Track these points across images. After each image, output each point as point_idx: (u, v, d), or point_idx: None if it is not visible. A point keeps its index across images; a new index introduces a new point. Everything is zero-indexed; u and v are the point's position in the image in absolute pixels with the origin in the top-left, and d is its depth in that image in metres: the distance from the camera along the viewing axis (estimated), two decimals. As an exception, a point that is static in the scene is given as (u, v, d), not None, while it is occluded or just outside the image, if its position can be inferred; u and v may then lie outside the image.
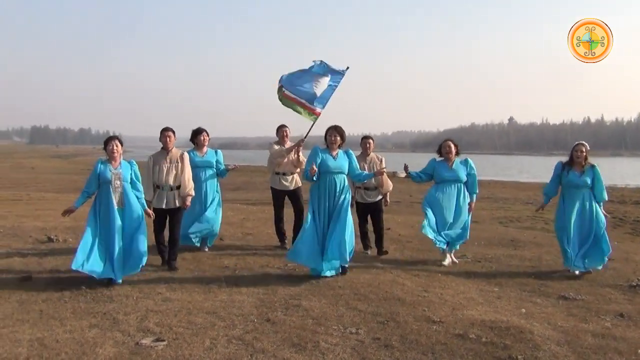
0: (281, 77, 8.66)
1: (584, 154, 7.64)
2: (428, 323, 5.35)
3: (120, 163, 6.90)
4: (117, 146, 6.87)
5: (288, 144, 8.95)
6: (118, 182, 6.77)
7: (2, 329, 5.01)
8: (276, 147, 8.97)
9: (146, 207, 7.07)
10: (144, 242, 6.80)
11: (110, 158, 6.86)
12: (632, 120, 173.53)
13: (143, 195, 7.07)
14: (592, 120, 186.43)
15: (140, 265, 6.79)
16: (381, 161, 8.65)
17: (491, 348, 4.75)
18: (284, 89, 8.57)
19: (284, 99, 8.62)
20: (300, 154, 8.87)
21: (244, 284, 6.74)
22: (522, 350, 4.69)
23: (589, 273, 7.56)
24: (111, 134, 7.42)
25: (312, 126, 8.64)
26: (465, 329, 5.18)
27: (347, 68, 8.70)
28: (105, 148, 6.92)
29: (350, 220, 7.16)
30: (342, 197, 7.16)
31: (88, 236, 6.60)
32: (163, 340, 4.78)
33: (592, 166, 7.67)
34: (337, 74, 8.62)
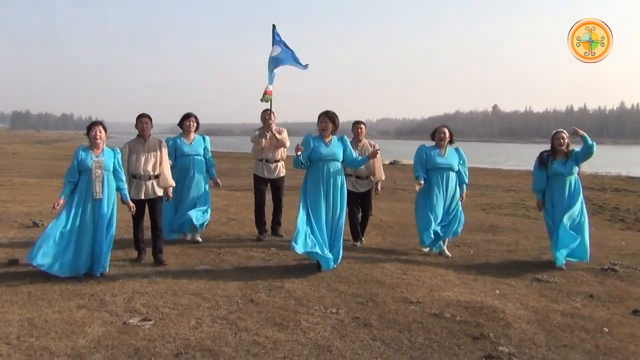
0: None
1: (566, 140, 7.51)
2: (406, 303, 5.56)
3: (103, 150, 6.54)
4: (100, 132, 6.51)
5: (273, 128, 8.77)
6: (99, 171, 6.39)
7: (-8, 309, 5.13)
8: (256, 133, 8.85)
9: (128, 199, 6.72)
10: (110, 241, 6.52)
11: (93, 145, 6.50)
12: (614, 109, 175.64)
13: (126, 186, 6.74)
14: (575, 108, 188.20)
15: (103, 266, 6.41)
16: (373, 147, 8.17)
17: (465, 326, 4.97)
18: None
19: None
20: (282, 134, 8.74)
21: (228, 266, 6.92)
22: (493, 328, 4.91)
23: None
24: (94, 120, 6.93)
25: (271, 105, 8.94)
26: (441, 309, 5.39)
27: (307, 66, 9.04)
28: (87, 134, 6.56)
29: (344, 213, 7.03)
30: (337, 185, 6.93)
31: (54, 228, 6.26)
32: (150, 320, 4.94)
33: (572, 151, 7.51)
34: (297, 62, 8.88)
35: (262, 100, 9.03)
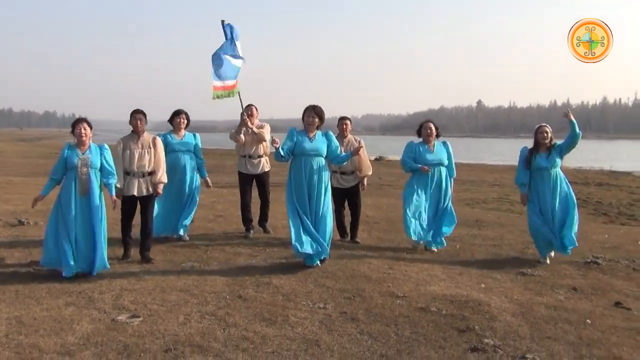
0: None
1: (549, 134, 7.49)
2: (392, 298, 5.62)
3: (89, 147, 6.43)
4: (85, 129, 6.39)
5: (256, 123, 8.68)
6: (85, 169, 6.28)
7: (-21, 308, 5.12)
8: (233, 130, 8.72)
9: (114, 194, 6.56)
10: (103, 235, 6.35)
11: (79, 142, 6.40)
12: (597, 104, 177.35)
13: (115, 181, 6.59)
14: (559, 103, 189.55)
15: (102, 265, 6.32)
16: (359, 143, 8.24)
17: (450, 319, 5.04)
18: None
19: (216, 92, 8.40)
20: (264, 129, 8.59)
21: (215, 263, 6.95)
22: (479, 321, 4.98)
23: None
24: (78, 117, 6.67)
25: (241, 101, 8.51)
26: (427, 303, 5.46)
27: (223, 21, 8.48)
28: (72, 131, 6.45)
29: (330, 209, 6.95)
30: (321, 181, 6.83)
31: (48, 229, 6.32)
32: (138, 317, 4.96)
33: (554, 145, 7.50)
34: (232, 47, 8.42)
35: (214, 98, 8.47)
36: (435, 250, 7.93)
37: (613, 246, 8.56)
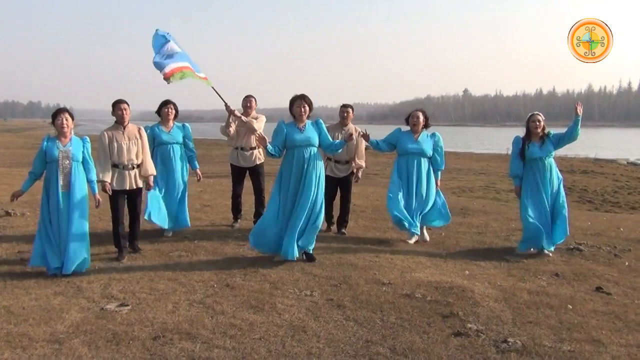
0: (159, 63, 7.95)
1: (542, 123, 7.31)
2: (378, 285, 5.71)
3: (70, 140, 6.15)
4: (67, 120, 6.12)
5: (253, 115, 8.48)
6: (67, 162, 6.03)
7: (-32, 298, 5.15)
8: (223, 124, 8.56)
9: (96, 192, 6.32)
10: (85, 233, 6.13)
11: (60, 134, 6.12)
12: (582, 92, 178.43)
13: (95, 178, 6.35)
14: (545, 92, 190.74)
15: (84, 263, 6.05)
16: (359, 133, 7.93)
17: (435, 305, 5.13)
18: (169, 67, 7.98)
19: (179, 73, 8.05)
20: (258, 122, 8.31)
21: (203, 252, 6.99)
22: (462, 307, 5.08)
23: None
24: (62, 107, 6.54)
25: (217, 92, 8.30)
26: (412, 289, 5.55)
27: (157, 30, 8.26)
28: (53, 122, 6.19)
29: (322, 202, 6.68)
30: (317, 170, 6.62)
31: (40, 226, 6.09)
32: (127, 305, 5.01)
33: (548, 134, 7.34)
34: (169, 37, 8.24)
35: (208, 84, 8.32)
36: (428, 239, 7.86)
37: (596, 233, 8.70)
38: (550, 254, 7.15)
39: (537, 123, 7.31)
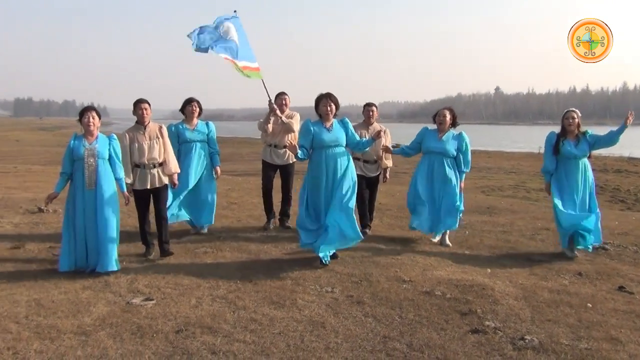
0: (210, 47, 7.86)
1: (576, 120, 7.13)
2: (398, 282, 5.76)
3: (97, 138, 6.21)
4: (93, 118, 6.18)
5: (286, 113, 8.33)
6: (92, 160, 6.07)
7: (0, 291, 5.36)
8: (261, 120, 8.39)
9: (125, 190, 6.38)
10: (113, 234, 6.12)
11: (86, 132, 6.18)
12: (617, 89, 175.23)
13: (124, 176, 6.39)
14: (578, 89, 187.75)
15: (112, 261, 6.04)
16: (385, 132, 7.64)
17: (454, 303, 5.17)
18: (226, 58, 7.88)
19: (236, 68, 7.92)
20: (294, 118, 8.23)
21: (228, 249, 7.11)
22: (481, 305, 5.11)
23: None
24: (97, 106, 6.79)
25: (264, 86, 8.11)
26: (433, 287, 5.60)
27: (235, 12, 8.23)
28: (80, 120, 6.25)
29: (353, 201, 6.45)
30: (345, 168, 6.49)
31: (64, 227, 6.14)
32: (152, 300, 5.15)
33: (585, 133, 7.16)
34: (233, 20, 8.13)
35: (258, 78, 8.12)
36: (450, 245, 7.56)
37: (623, 232, 8.61)
38: (577, 255, 7.02)
39: (571, 120, 7.13)
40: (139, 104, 6.74)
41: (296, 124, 8.20)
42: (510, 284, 5.80)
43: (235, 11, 8.33)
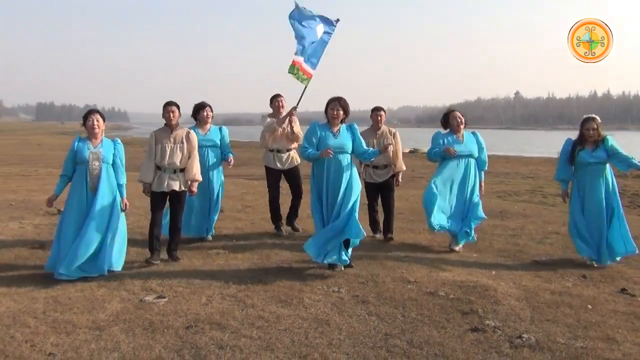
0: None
1: (596, 130, 6.83)
2: (404, 283, 5.92)
3: (101, 141, 6.17)
4: (98, 121, 6.12)
5: (293, 120, 8.21)
6: (96, 163, 6.03)
7: (20, 289, 5.61)
8: (269, 120, 8.27)
9: (124, 195, 6.31)
10: (117, 234, 6.14)
11: (91, 135, 6.13)
12: (639, 94, 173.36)
13: (124, 181, 6.33)
14: (599, 94, 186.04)
15: (118, 263, 6.17)
16: (394, 135, 7.77)
17: (456, 303, 5.31)
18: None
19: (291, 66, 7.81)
20: (296, 125, 8.19)
21: (240, 251, 7.31)
22: (483, 305, 5.24)
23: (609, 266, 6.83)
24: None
25: (304, 91, 7.96)
26: (437, 288, 5.75)
27: (337, 20, 8.00)
28: (84, 124, 6.16)
29: (355, 213, 6.33)
30: (348, 179, 6.37)
31: (59, 230, 6.09)
32: (164, 297, 5.36)
33: (605, 139, 6.86)
34: (329, 24, 7.93)
35: (289, 72, 7.87)
36: (458, 249, 7.52)
37: (635, 236, 8.62)
38: (594, 264, 6.83)
39: (592, 131, 6.85)
40: (166, 107, 6.73)
41: (301, 134, 7.94)
42: (514, 285, 5.92)
43: (337, 19, 8.08)
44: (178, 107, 6.83)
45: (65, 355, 4.14)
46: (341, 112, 6.48)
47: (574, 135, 7.23)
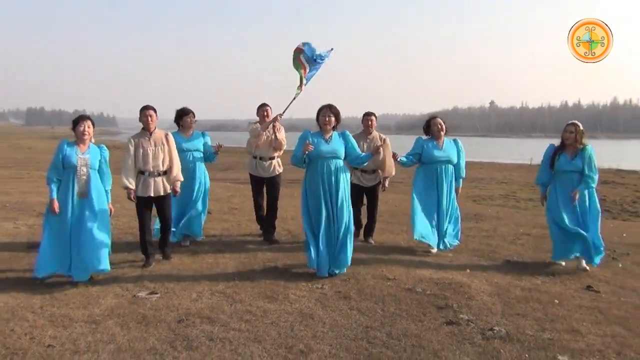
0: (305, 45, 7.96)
1: (573, 134, 6.99)
2: (383, 280, 6.25)
3: (89, 147, 6.16)
4: (89, 127, 6.12)
5: (277, 127, 8.21)
6: (84, 169, 6.01)
7: (16, 285, 5.87)
8: (254, 125, 8.29)
9: (109, 200, 6.27)
10: (106, 239, 6.10)
11: (79, 140, 6.10)
12: (607, 104, 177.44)
13: (110, 187, 6.32)
14: (570, 104, 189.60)
15: (103, 265, 6.03)
16: (384, 141, 7.53)
17: (432, 298, 5.64)
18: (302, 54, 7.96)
19: (296, 61, 7.97)
20: (280, 133, 8.20)
21: (227, 250, 7.62)
22: (457, 300, 5.58)
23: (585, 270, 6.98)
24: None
25: (292, 101, 8.05)
26: (414, 284, 6.08)
27: (332, 49, 8.20)
28: (74, 129, 6.11)
29: (351, 219, 6.50)
30: (340, 184, 6.41)
31: (46, 233, 6.04)
32: (156, 293, 5.64)
33: (584, 148, 7.03)
34: (323, 56, 8.14)
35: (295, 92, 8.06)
36: (434, 251, 7.64)
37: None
38: (588, 268, 6.99)
39: (569, 134, 7.04)
40: (143, 111, 6.74)
41: (284, 142, 8.28)
42: (486, 282, 6.27)
43: (332, 49, 8.27)
44: (155, 110, 6.83)
45: (64, 347, 4.39)
46: (333, 119, 6.53)
47: (546, 142, 7.49)
